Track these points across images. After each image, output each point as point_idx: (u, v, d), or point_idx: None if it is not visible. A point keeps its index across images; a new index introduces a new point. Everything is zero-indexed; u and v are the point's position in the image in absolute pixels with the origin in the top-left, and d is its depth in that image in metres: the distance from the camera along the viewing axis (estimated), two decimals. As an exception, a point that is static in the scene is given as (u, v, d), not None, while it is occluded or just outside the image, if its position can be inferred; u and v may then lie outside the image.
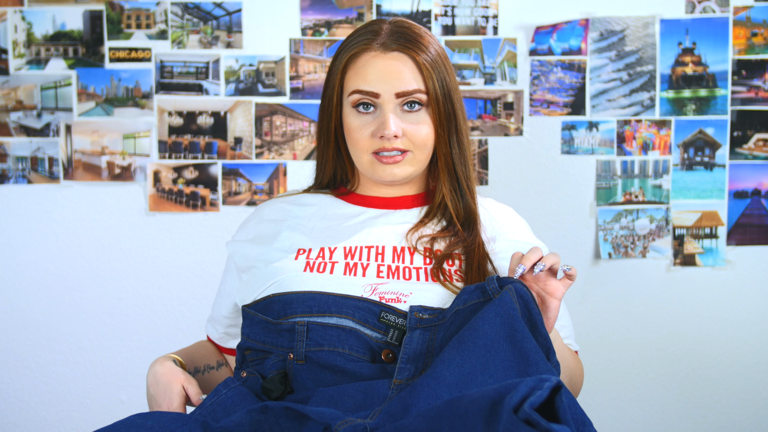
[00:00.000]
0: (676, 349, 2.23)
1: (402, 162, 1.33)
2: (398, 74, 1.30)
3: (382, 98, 1.30)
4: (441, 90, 1.32)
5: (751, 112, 2.20)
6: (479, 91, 2.18)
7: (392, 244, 1.33)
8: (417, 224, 1.36)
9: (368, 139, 1.32)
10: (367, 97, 1.31)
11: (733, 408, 2.24)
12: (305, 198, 1.44)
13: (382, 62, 1.31)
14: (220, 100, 2.19)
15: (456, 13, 2.18)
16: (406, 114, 1.32)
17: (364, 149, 1.33)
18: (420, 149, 1.33)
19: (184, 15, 2.18)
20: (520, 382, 0.93)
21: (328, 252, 1.32)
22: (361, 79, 1.31)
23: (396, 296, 1.26)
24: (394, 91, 1.30)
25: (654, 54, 2.18)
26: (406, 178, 1.35)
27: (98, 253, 2.21)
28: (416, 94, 1.31)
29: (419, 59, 1.30)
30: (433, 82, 1.31)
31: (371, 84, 1.30)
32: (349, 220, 1.38)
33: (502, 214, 1.44)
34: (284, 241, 1.36)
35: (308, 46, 2.18)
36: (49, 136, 2.19)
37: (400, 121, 1.31)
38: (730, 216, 2.22)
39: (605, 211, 2.21)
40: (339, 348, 1.22)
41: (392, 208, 1.39)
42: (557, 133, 2.19)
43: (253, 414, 1.11)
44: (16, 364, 2.23)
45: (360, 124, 1.33)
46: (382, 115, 1.31)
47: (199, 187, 2.20)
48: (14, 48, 2.18)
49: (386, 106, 1.30)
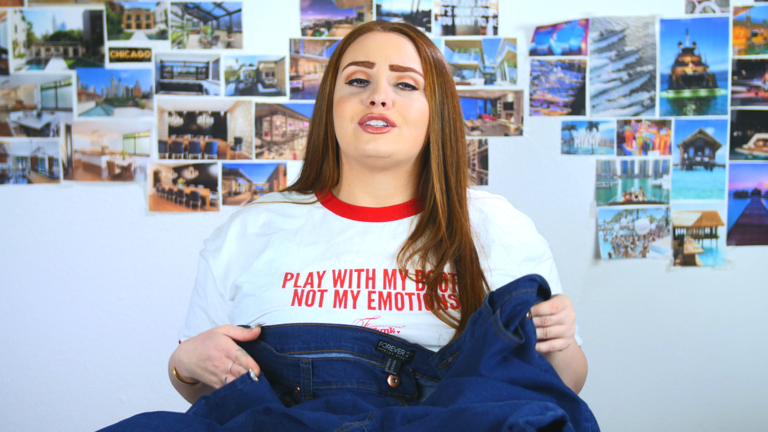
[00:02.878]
0: (676, 349, 2.23)
1: (387, 135, 1.26)
2: (396, 47, 1.27)
3: (377, 67, 1.26)
4: (438, 77, 1.28)
5: (751, 112, 2.20)
6: (479, 91, 2.18)
7: (383, 267, 1.27)
8: (408, 242, 1.29)
9: (356, 106, 1.27)
10: (361, 67, 1.27)
11: (733, 408, 2.24)
12: (291, 209, 1.37)
13: (382, 36, 1.28)
14: (220, 100, 2.19)
15: (456, 13, 2.18)
16: (400, 91, 1.28)
17: (350, 117, 1.27)
18: (409, 126, 1.27)
19: (184, 15, 2.18)
20: (525, 404, 0.92)
21: (317, 277, 1.26)
22: (358, 52, 1.28)
23: (389, 328, 1.21)
24: (390, 62, 1.26)
25: (654, 54, 2.18)
26: (390, 155, 1.28)
27: (98, 253, 2.21)
28: (411, 73, 1.27)
29: (420, 44, 1.28)
30: (431, 67, 1.27)
31: (367, 54, 1.27)
32: (336, 236, 1.31)
33: (497, 212, 1.37)
34: (270, 263, 1.30)
35: (308, 46, 2.18)
36: (49, 136, 2.19)
37: (392, 93, 1.27)
38: (730, 216, 2.22)
39: (605, 211, 2.21)
40: (347, 384, 1.19)
41: (381, 220, 1.33)
42: (557, 133, 2.19)
43: (257, 415, 1.09)
44: (16, 364, 2.23)
45: (350, 92, 1.28)
46: (374, 83, 1.26)
47: (199, 187, 2.20)
48: (14, 48, 2.18)
49: (380, 74, 1.26)
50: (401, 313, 1.23)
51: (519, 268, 1.31)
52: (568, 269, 2.20)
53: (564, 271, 2.17)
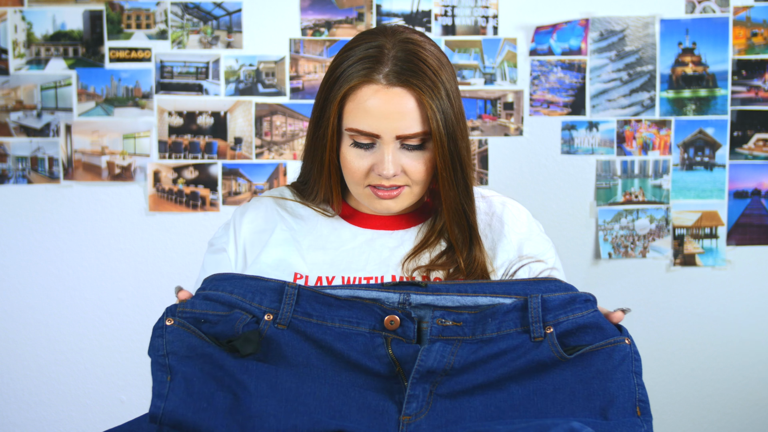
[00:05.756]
0: (676, 349, 2.23)
1: (399, 196, 1.27)
2: (400, 116, 1.22)
3: (383, 138, 1.23)
4: (444, 130, 1.23)
5: (751, 112, 2.20)
6: (479, 91, 2.18)
7: (391, 273, 1.28)
8: (415, 250, 1.30)
9: (365, 173, 1.26)
10: (366, 137, 1.24)
11: (733, 408, 2.24)
12: (298, 209, 1.36)
13: (385, 100, 1.22)
14: (220, 100, 2.19)
15: (456, 13, 2.18)
16: (406, 151, 1.25)
17: (358, 181, 1.27)
18: (418, 184, 1.27)
19: (184, 15, 2.18)
20: (553, 426, 0.91)
21: (326, 283, 1.27)
22: (361, 118, 1.23)
23: None
24: (395, 133, 1.22)
25: (654, 54, 2.18)
26: (402, 211, 1.31)
27: (98, 253, 2.21)
28: (416, 138, 1.24)
29: (424, 99, 1.22)
30: (437, 123, 1.22)
31: (371, 125, 1.22)
32: (345, 243, 1.31)
33: (503, 212, 1.36)
34: (279, 261, 1.29)
35: (308, 46, 2.18)
36: (49, 136, 2.19)
37: (399, 157, 1.25)
38: (730, 216, 2.22)
39: (605, 211, 2.21)
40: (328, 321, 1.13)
41: (390, 229, 1.33)
42: (557, 133, 2.19)
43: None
44: (16, 364, 2.23)
45: (357, 155, 1.26)
46: (381, 154, 1.24)
47: (199, 187, 2.20)
48: (14, 48, 2.18)
49: (386, 147, 1.23)
50: None
51: (525, 268, 1.32)
52: (568, 269, 2.19)
53: (564, 271, 2.17)
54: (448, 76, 1.25)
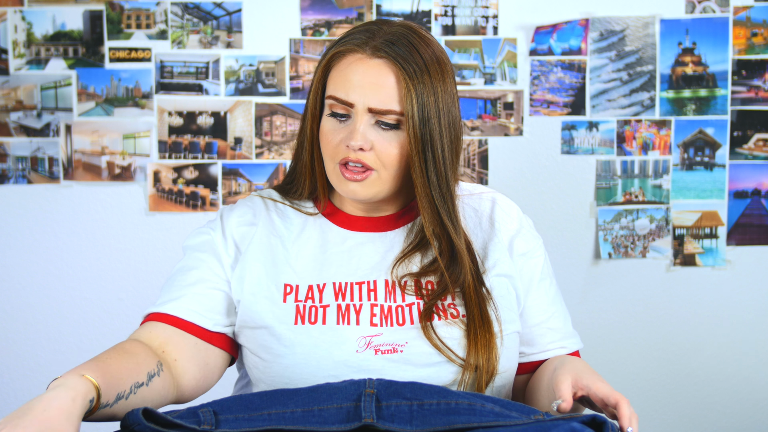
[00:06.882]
0: (676, 348, 2.23)
1: (365, 181, 1.23)
2: (376, 87, 1.21)
3: (356, 108, 1.22)
4: (419, 114, 1.21)
5: (751, 112, 2.20)
6: (479, 91, 2.19)
7: (383, 278, 1.26)
8: (403, 253, 1.27)
9: (337, 146, 1.24)
10: (341, 105, 1.23)
11: (732, 408, 2.24)
12: (286, 210, 1.34)
13: (363, 69, 1.22)
14: (220, 100, 2.19)
15: (456, 13, 2.18)
16: (380, 130, 1.23)
17: (332, 156, 1.25)
18: (387, 168, 1.23)
19: (184, 15, 2.18)
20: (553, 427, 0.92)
21: (317, 291, 1.25)
22: (339, 86, 1.23)
23: (392, 347, 1.21)
24: (368, 105, 1.21)
25: (654, 54, 2.18)
26: (369, 198, 1.26)
27: (98, 253, 2.21)
28: (389, 115, 1.22)
29: (404, 76, 1.21)
30: (412, 105, 1.21)
31: (347, 94, 1.22)
32: (334, 247, 1.29)
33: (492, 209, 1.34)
34: (267, 267, 1.27)
35: (308, 46, 2.18)
36: (49, 136, 2.20)
37: (371, 134, 1.23)
38: (730, 216, 2.22)
39: (605, 211, 2.21)
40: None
41: (378, 231, 1.31)
42: (557, 133, 2.19)
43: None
44: (16, 364, 2.23)
45: (332, 128, 1.25)
46: (353, 125, 1.23)
47: (199, 187, 2.20)
48: (14, 48, 2.18)
49: (358, 117, 1.22)
50: (402, 328, 1.22)
51: (515, 265, 1.31)
52: (568, 269, 2.20)
53: (564, 271, 2.18)
54: (442, 74, 1.24)
